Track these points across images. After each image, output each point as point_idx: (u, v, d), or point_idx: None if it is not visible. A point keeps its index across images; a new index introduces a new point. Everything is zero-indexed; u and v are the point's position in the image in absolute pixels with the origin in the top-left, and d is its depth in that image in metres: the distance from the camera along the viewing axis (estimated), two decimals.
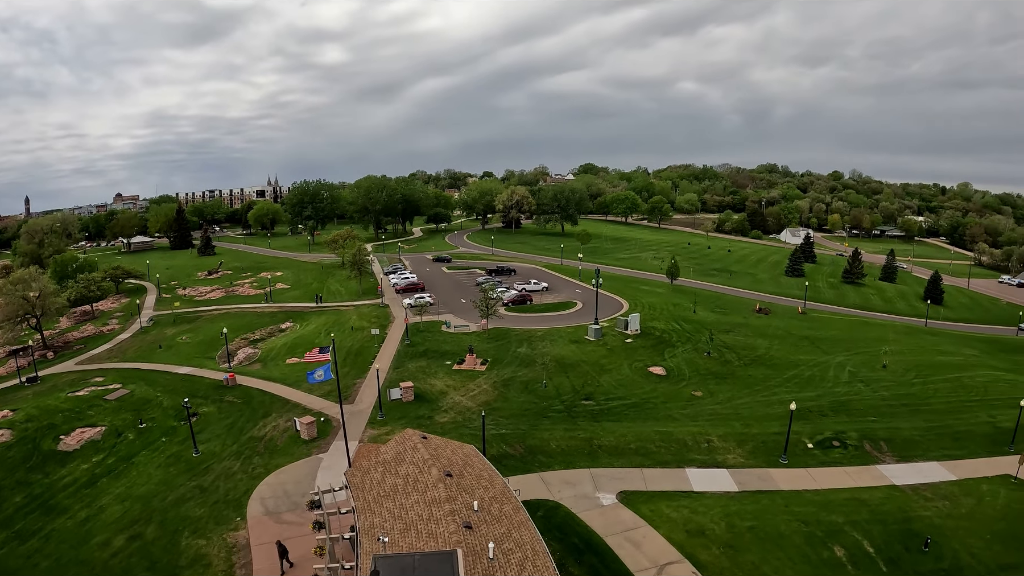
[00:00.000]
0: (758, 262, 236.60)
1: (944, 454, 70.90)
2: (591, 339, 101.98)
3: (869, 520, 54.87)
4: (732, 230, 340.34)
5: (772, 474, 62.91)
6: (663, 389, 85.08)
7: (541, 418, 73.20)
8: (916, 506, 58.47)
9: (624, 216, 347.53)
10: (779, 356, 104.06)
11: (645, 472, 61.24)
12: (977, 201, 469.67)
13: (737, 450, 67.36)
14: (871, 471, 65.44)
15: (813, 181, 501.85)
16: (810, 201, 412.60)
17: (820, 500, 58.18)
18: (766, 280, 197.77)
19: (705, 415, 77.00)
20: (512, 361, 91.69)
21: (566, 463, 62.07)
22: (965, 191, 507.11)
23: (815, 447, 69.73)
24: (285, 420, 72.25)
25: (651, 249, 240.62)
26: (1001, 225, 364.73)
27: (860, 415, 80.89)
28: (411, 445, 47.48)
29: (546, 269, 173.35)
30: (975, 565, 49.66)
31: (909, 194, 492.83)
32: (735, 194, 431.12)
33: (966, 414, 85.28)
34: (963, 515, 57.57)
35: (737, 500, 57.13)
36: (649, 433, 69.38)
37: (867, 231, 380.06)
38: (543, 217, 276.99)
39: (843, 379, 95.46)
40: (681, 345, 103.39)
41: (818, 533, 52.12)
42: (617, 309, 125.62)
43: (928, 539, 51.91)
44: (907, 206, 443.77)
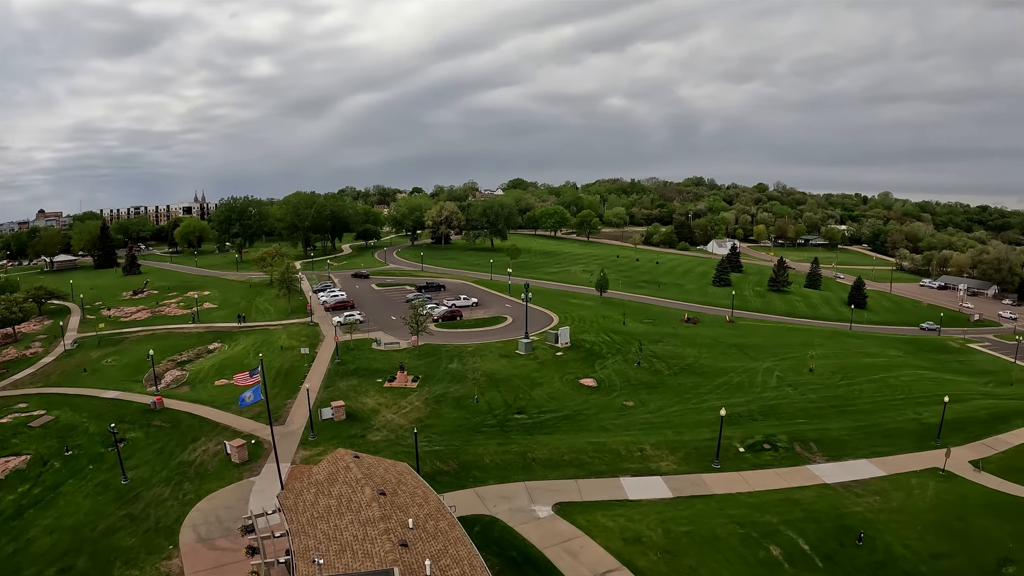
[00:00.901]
0: (686, 273, 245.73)
1: (873, 451, 75.95)
2: (522, 353, 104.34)
3: (803, 519, 57.98)
4: (660, 242, 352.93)
5: (706, 479, 65.67)
6: (595, 400, 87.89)
7: (474, 433, 74.61)
8: (848, 503, 62.21)
9: (553, 230, 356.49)
10: (708, 364, 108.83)
11: (580, 483, 62.98)
12: (898, 209, 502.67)
13: (670, 457, 69.90)
14: (802, 471, 69.28)
15: (739, 193, 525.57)
16: (736, 213, 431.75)
17: (754, 502, 61.15)
18: (694, 290, 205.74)
19: (637, 424, 79.93)
20: (444, 377, 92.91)
21: (501, 477, 63.27)
22: (886, 200, 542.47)
23: (746, 451, 73.34)
24: (215, 444, 71.32)
25: (580, 263, 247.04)
26: (921, 231, 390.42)
27: (789, 418, 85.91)
28: (344, 465, 47.78)
29: (476, 284, 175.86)
30: (909, 556, 53.10)
31: (832, 204, 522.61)
32: (663, 207, 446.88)
33: (892, 412, 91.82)
34: (894, 509, 61.64)
35: (672, 506, 59.44)
36: (582, 444, 71.50)
37: (792, 240, 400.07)
38: (473, 232, 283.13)
39: (771, 384, 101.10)
40: (611, 357, 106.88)
41: (754, 534, 54.66)
42: (547, 323, 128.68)
43: (861, 534, 55.21)
44: (830, 215, 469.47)
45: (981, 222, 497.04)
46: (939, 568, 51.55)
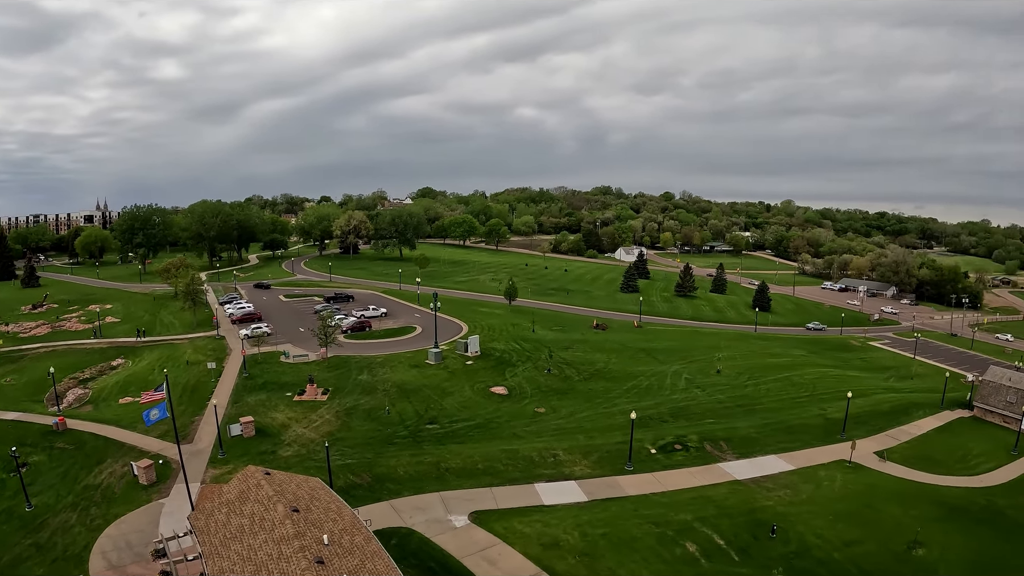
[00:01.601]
0: (594, 280, 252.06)
1: (781, 447, 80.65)
2: (432, 363, 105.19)
3: (716, 515, 60.76)
4: (568, 250, 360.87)
5: (619, 481, 67.68)
6: (506, 408, 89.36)
7: (387, 445, 74.51)
8: (759, 497, 65.68)
9: (462, 239, 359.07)
10: (618, 369, 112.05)
11: (495, 491, 63.80)
12: (800, 216, 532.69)
13: (583, 461, 71.59)
14: (714, 469, 72.70)
15: (646, 202, 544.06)
16: (643, 220, 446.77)
17: (668, 501, 63.57)
18: (602, 297, 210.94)
19: (549, 430, 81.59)
20: (354, 389, 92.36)
21: (415, 488, 63.31)
22: (788, 208, 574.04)
23: (658, 452, 76.10)
24: (122, 465, 68.04)
25: (489, 271, 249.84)
26: (822, 237, 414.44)
27: (699, 418, 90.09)
28: (255, 482, 47.15)
29: (385, 295, 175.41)
30: (821, 544, 56.43)
31: (737, 212, 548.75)
32: (571, 215, 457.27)
33: (798, 409, 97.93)
34: (804, 500, 65.60)
35: (588, 509, 60.94)
36: (496, 452, 72.55)
37: (698, 247, 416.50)
38: (381, 242, 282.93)
39: (680, 386, 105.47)
40: (521, 364, 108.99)
41: (669, 532, 56.76)
42: (457, 332, 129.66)
43: (774, 526, 58.21)
44: (735, 223, 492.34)
45: (880, 227, 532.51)
46: (851, 554, 54.92)
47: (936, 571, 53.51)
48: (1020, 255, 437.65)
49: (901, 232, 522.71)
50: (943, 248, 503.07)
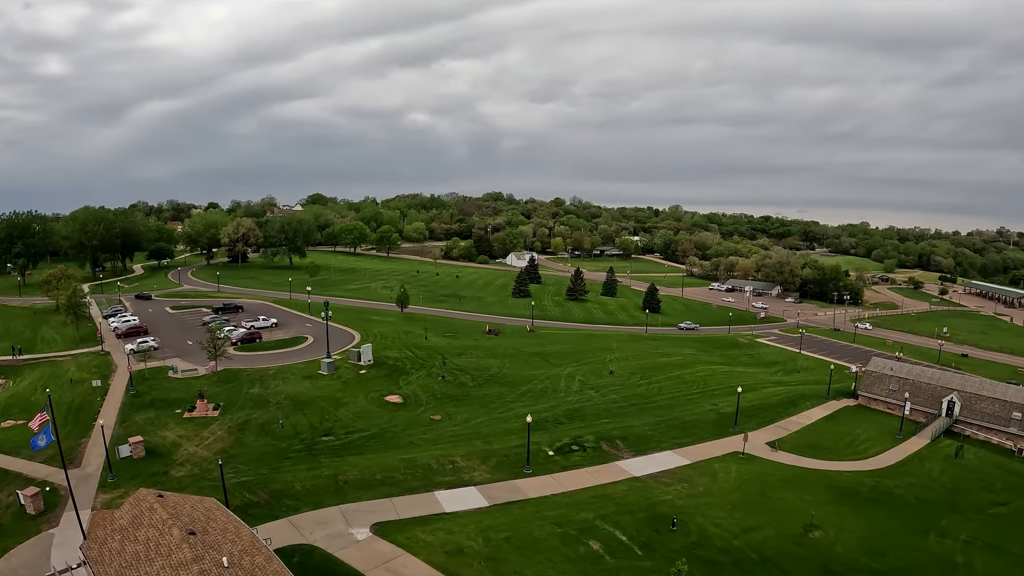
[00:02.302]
0: (486, 286, 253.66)
1: (676, 443, 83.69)
2: (325, 373, 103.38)
3: (617, 512, 62.01)
4: (460, 256, 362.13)
5: (519, 485, 68.05)
6: (402, 417, 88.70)
7: (282, 460, 72.29)
8: (658, 492, 67.57)
9: (353, 247, 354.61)
10: (512, 373, 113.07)
11: (395, 501, 62.93)
12: (687, 220, 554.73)
13: (482, 467, 71.68)
14: (612, 468, 74.36)
15: (537, 207, 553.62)
16: (534, 226, 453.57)
17: (568, 501, 64.33)
18: (494, 303, 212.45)
19: (446, 437, 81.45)
20: (246, 403, 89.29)
21: (314, 503, 61.53)
22: (676, 212, 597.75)
23: (556, 453, 77.04)
24: (7, 494, 62.47)
25: (381, 278, 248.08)
26: (709, 240, 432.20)
27: (594, 419, 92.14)
28: (148, 506, 44.94)
29: (275, 304, 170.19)
30: (721, 533, 58.67)
31: (626, 217, 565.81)
32: (462, 221, 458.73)
33: (690, 405, 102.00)
34: (702, 493, 68.06)
35: (490, 514, 60.92)
36: (394, 462, 71.67)
37: (588, 251, 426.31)
38: (271, 250, 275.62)
39: (574, 388, 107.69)
40: (415, 372, 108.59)
41: (572, 532, 57.40)
42: (349, 341, 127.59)
43: (674, 519, 60.05)
44: (624, 227, 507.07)
45: (764, 230, 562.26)
46: (750, 541, 57.31)
47: (833, 550, 56.47)
48: (897, 254, 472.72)
49: (785, 234, 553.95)
50: (825, 249, 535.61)
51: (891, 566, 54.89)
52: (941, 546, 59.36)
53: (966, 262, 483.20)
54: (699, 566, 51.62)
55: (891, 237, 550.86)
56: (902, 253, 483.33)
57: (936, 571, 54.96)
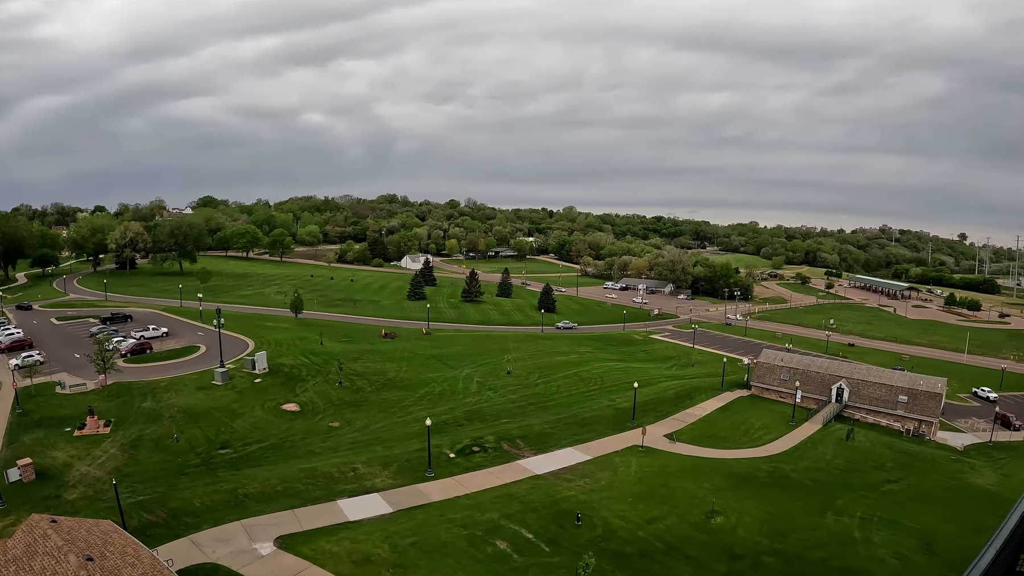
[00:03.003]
0: (381, 289, 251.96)
1: (576, 439, 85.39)
2: (219, 383, 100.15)
3: (522, 510, 62.53)
4: (355, 259, 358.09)
5: (422, 489, 67.75)
6: (300, 425, 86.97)
7: (179, 476, 69.30)
8: (561, 488, 68.61)
9: (245, 251, 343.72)
10: (410, 377, 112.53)
11: (298, 512, 61.39)
12: (581, 221, 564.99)
13: (384, 473, 71.01)
14: (513, 467, 75.09)
15: (432, 209, 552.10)
16: (429, 228, 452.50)
17: (473, 503, 64.46)
18: (390, 306, 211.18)
19: (346, 445, 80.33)
20: (138, 418, 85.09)
21: (215, 520, 59.14)
22: (570, 213, 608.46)
23: (457, 455, 77.17)
24: None
25: (274, 284, 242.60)
26: (602, 240, 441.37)
27: (493, 419, 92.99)
28: (41, 533, 42.09)
29: (165, 313, 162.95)
30: (625, 525, 59.95)
31: (520, 218, 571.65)
32: (357, 224, 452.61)
33: (589, 402, 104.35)
34: (604, 487, 69.50)
35: (395, 520, 60.28)
36: (294, 472, 70.11)
37: (483, 253, 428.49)
38: (160, 255, 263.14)
39: (473, 390, 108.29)
40: (312, 379, 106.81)
41: (478, 533, 57.44)
42: (243, 349, 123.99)
43: (579, 514, 60.84)
44: (519, 229, 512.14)
45: (657, 230, 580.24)
46: (655, 530, 58.85)
47: (735, 534, 58.64)
48: (785, 251, 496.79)
49: (677, 234, 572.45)
50: (716, 248, 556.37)
51: (792, 546, 57.49)
52: (839, 524, 62.90)
53: (850, 258, 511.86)
54: (607, 558, 52.53)
55: (779, 235, 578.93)
56: (790, 250, 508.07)
57: (836, 548, 57.91)
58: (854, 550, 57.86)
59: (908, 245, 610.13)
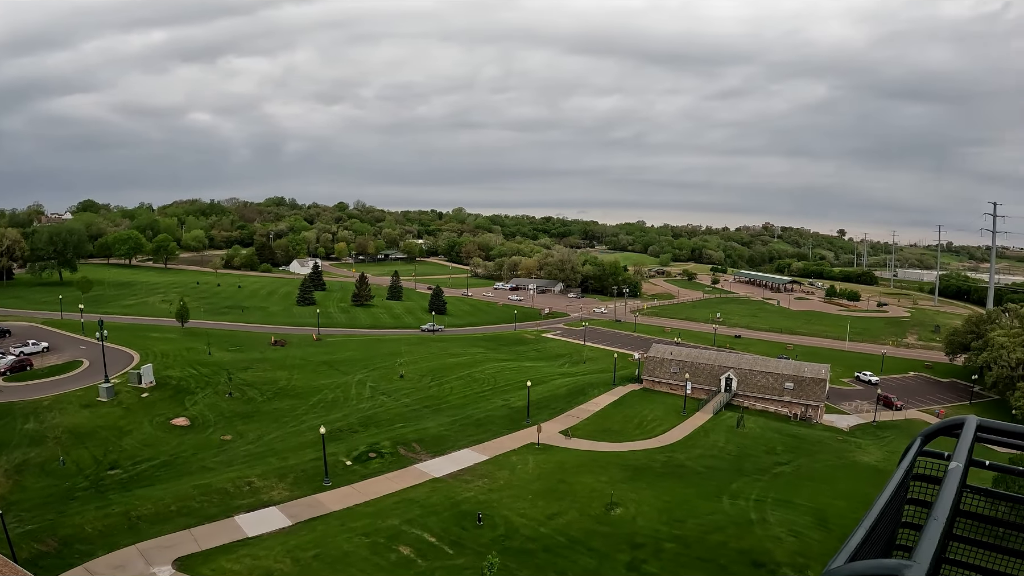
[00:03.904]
0: (269, 295, 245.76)
1: (472, 440, 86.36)
2: (104, 400, 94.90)
3: (423, 514, 62.69)
4: (242, 265, 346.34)
5: (320, 499, 66.91)
6: (191, 440, 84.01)
7: (68, 501, 65.46)
8: (460, 490, 69.23)
9: (128, 258, 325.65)
10: (301, 385, 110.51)
11: (195, 532, 59.34)
12: (471, 223, 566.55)
13: (280, 485, 69.72)
14: (411, 471, 75.20)
15: (320, 212, 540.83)
16: (317, 232, 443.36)
17: (372, 510, 64.09)
18: (279, 312, 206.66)
19: (240, 458, 78.29)
20: (21, 441, 79.55)
21: (109, 545, 56.24)
22: (460, 215, 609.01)
23: (354, 463, 76.55)
24: None
25: (159, 292, 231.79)
26: (492, 241, 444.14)
27: (388, 424, 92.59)
28: None
29: (45, 326, 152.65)
30: (527, 522, 61.00)
31: (410, 220, 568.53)
32: (243, 228, 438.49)
33: (483, 403, 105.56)
34: (503, 486, 70.57)
35: (294, 533, 59.34)
36: (187, 490, 67.74)
37: (372, 256, 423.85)
38: (38, 264, 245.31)
39: (366, 395, 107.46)
40: (201, 391, 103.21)
41: (381, 540, 57.27)
42: (128, 362, 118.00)
43: (479, 515, 61.56)
44: (408, 231, 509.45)
45: (546, 231, 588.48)
46: (556, 526, 60.15)
47: (635, 524, 60.49)
48: (672, 249, 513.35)
49: (566, 234, 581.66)
50: (604, 247, 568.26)
51: (691, 531, 59.90)
52: (735, 507, 65.92)
53: (735, 254, 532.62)
54: (511, 557, 53.25)
55: (666, 234, 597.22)
56: (676, 248, 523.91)
57: (734, 530, 60.70)
58: (751, 531, 60.77)
59: (790, 241, 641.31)
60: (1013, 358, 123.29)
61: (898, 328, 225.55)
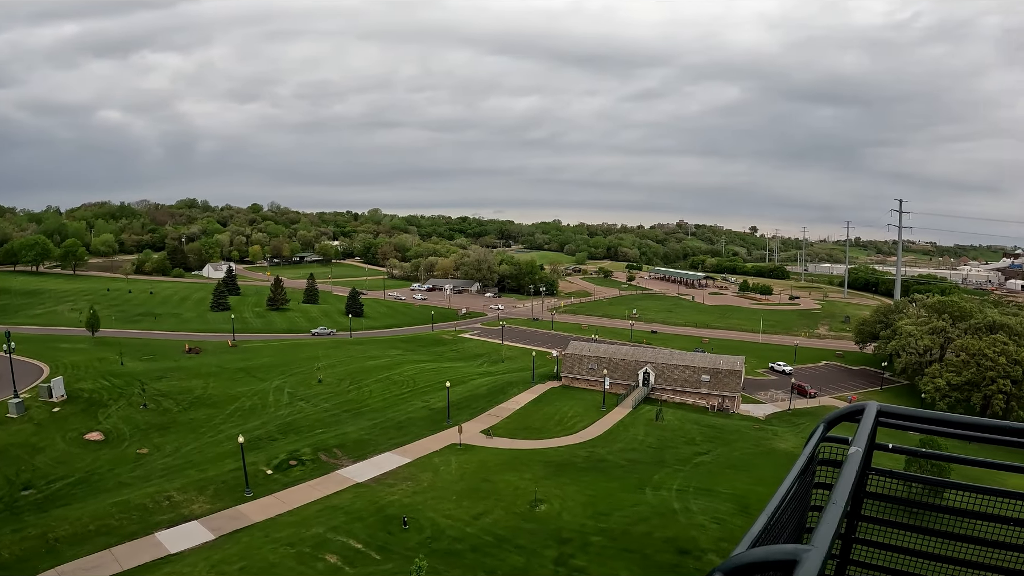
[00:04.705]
0: (183, 301, 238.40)
1: (394, 443, 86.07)
2: (14, 416, 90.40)
3: (348, 521, 62.24)
4: (154, 270, 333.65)
5: (243, 510, 65.60)
6: (106, 455, 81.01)
7: None
8: (384, 494, 68.95)
9: (35, 265, 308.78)
10: (218, 393, 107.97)
11: (115, 552, 57.26)
12: (387, 224, 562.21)
13: (200, 498, 68.08)
14: (334, 478, 74.55)
15: (233, 214, 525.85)
16: (231, 234, 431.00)
17: (296, 519, 63.22)
18: (193, 319, 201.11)
19: (158, 472, 76.00)
20: None
21: (29, 571, 53.90)
22: (376, 216, 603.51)
23: (275, 471, 75.36)
24: None
25: (68, 300, 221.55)
26: (408, 242, 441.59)
27: (308, 430, 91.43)
28: None
29: None
30: (453, 523, 61.25)
31: (325, 222, 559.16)
32: (155, 232, 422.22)
33: (403, 405, 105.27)
34: (427, 488, 70.61)
35: (218, 547, 58.05)
36: (106, 508, 65.25)
37: (288, 259, 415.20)
38: None
39: (284, 401, 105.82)
40: (115, 403, 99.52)
41: (306, 550, 56.56)
42: (38, 375, 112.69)
43: (405, 518, 61.55)
44: (324, 232, 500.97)
45: (462, 231, 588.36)
46: (483, 525, 60.70)
47: (561, 519, 61.37)
48: (588, 247, 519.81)
49: (482, 234, 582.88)
50: (521, 246, 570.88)
51: (617, 523, 61.23)
52: (658, 498, 67.74)
53: (650, 251, 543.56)
54: (438, 558, 53.35)
55: (582, 232, 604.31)
56: (592, 247, 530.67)
57: (658, 520, 62.37)
58: (675, 520, 62.59)
59: (704, 238, 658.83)
60: (921, 345, 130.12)
61: (810, 320, 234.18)
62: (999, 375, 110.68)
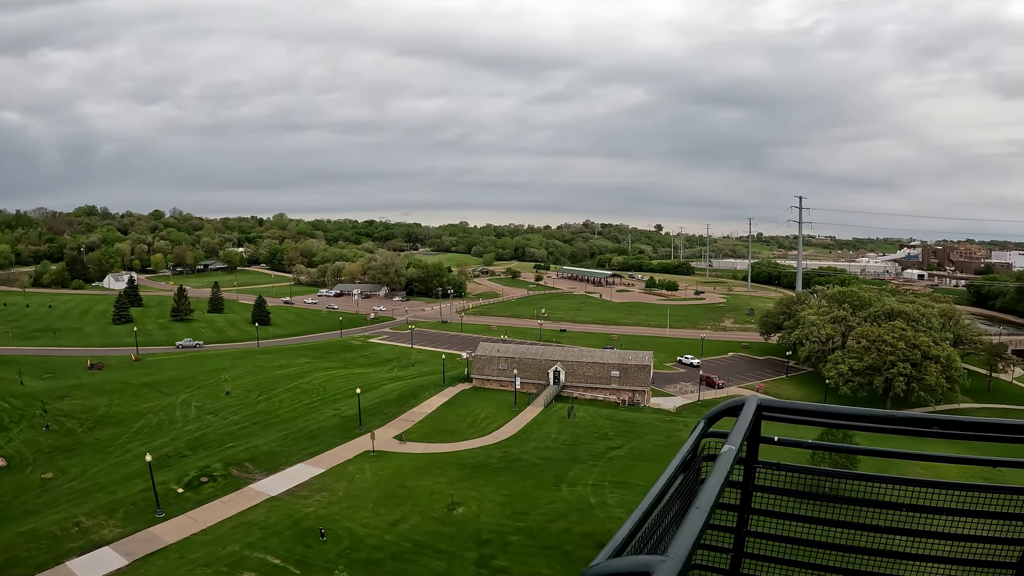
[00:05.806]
0: (83, 314, 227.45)
1: (306, 454, 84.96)
2: None
3: (264, 536, 61.20)
4: (52, 282, 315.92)
5: (155, 532, 63.68)
6: (9, 482, 77.21)
7: None
8: (299, 507, 68.08)
9: None
10: (123, 410, 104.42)
11: None
12: (293, 229, 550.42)
13: (111, 522, 65.66)
14: (247, 492, 73.13)
15: (135, 222, 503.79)
16: (132, 243, 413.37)
17: (211, 538, 61.75)
18: (94, 333, 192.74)
19: (64, 497, 72.72)
20: None
21: None
22: (281, 221, 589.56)
23: (186, 489, 73.47)
24: None
25: None
26: (315, 247, 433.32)
27: (218, 445, 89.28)
28: None
29: None
30: (371, 531, 61.03)
31: (230, 228, 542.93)
32: (52, 242, 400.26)
33: (314, 414, 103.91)
34: (343, 498, 70.01)
35: (132, 573, 56.25)
36: (12, 539, 62.13)
37: (191, 267, 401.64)
38: None
39: (192, 416, 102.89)
40: (15, 426, 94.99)
41: (223, 569, 55.43)
42: None
43: (322, 529, 60.98)
44: (228, 239, 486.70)
45: (369, 235, 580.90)
46: (401, 532, 60.71)
47: (479, 521, 61.95)
48: (495, 248, 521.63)
49: (389, 237, 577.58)
50: (428, 248, 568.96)
51: (535, 521, 62.26)
52: (574, 494, 69.13)
53: (557, 251, 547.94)
54: (359, 568, 53.19)
55: (489, 234, 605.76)
56: (500, 248, 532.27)
57: (576, 516, 63.63)
58: (593, 515, 64.02)
59: (610, 237, 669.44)
60: (823, 334, 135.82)
61: (715, 313, 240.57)
62: (899, 359, 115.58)
